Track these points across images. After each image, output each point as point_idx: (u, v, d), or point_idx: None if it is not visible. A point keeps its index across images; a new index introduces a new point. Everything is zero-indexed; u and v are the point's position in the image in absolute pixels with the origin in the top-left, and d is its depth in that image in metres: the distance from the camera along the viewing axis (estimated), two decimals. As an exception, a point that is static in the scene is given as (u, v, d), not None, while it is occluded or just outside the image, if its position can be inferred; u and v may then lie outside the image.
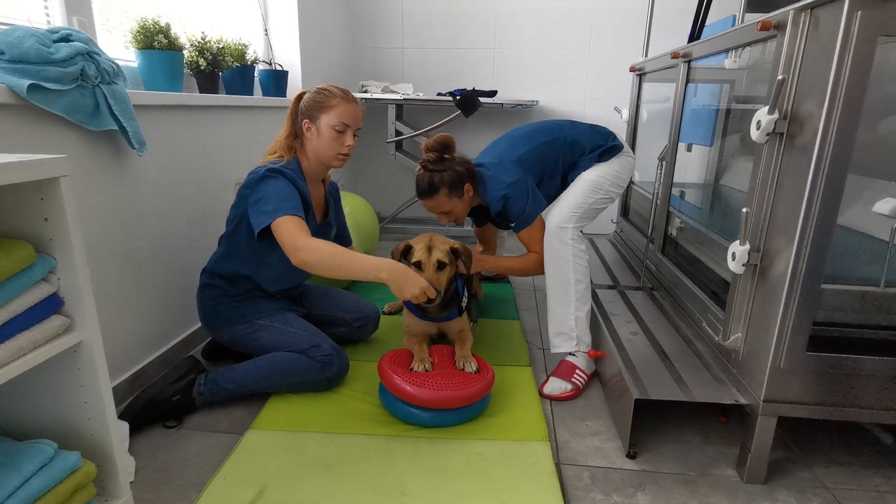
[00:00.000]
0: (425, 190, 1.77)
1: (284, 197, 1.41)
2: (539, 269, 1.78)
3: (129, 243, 1.56)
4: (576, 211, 1.72)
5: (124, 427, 1.32)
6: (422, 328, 1.75)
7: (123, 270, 1.54)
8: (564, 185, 1.84)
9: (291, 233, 1.35)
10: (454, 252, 1.67)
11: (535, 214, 1.75)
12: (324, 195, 1.72)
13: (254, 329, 1.58)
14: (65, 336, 0.90)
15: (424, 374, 1.48)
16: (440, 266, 1.61)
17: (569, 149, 1.81)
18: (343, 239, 1.89)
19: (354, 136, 1.56)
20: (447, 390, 1.40)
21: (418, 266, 1.60)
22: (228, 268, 1.59)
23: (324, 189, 1.72)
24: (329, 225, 1.74)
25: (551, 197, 1.84)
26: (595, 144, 1.81)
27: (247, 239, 1.53)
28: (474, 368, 1.52)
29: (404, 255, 1.67)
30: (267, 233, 1.40)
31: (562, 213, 1.72)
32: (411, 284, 1.36)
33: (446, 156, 1.76)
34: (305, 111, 1.54)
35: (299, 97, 1.57)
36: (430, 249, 1.62)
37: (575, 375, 1.64)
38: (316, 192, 1.66)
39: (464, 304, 1.78)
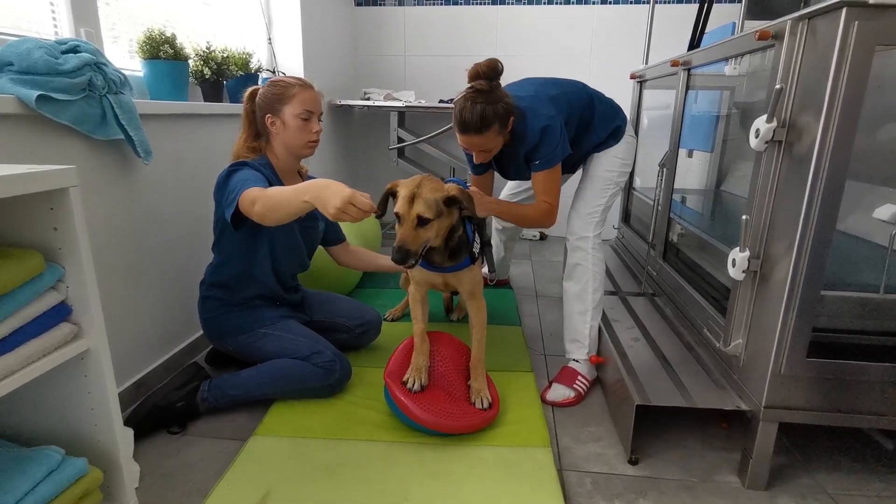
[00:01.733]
0: (476, 126, 1.46)
1: (245, 179, 1.37)
2: (547, 221, 1.64)
3: (134, 250, 1.57)
4: (592, 215, 1.72)
5: (129, 433, 1.33)
6: (426, 276, 1.59)
7: (128, 277, 1.55)
8: (572, 160, 1.74)
9: (249, 195, 1.29)
10: (451, 201, 1.40)
11: (559, 158, 1.58)
12: None
13: (256, 338, 1.59)
14: (72, 343, 0.91)
15: (431, 397, 1.43)
16: (422, 222, 1.34)
17: (588, 105, 1.70)
18: (334, 233, 1.90)
19: (319, 121, 1.58)
20: (451, 420, 1.40)
21: (397, 217, 1.37)
22: (224, 275, 1.60)
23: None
24: (315, 218, 1.74)
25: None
26: (606, 114, 1.73)
27: (232, 238, 1.54)
28: (487, 406, 1.46)
29: (387, 199, 1.44)
30: (240, 220, 1.38)
31: (580, 221, 1.72)
32: (332, 196, 1.15)
33: (495, 83, 1.50)
34: (265, 106, 1.54)
35: (252, 95, 1.57)
36: (412, 200, 1.33)
37: (577, 382, 1.64)
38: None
39: (475, 251, 1.58)
